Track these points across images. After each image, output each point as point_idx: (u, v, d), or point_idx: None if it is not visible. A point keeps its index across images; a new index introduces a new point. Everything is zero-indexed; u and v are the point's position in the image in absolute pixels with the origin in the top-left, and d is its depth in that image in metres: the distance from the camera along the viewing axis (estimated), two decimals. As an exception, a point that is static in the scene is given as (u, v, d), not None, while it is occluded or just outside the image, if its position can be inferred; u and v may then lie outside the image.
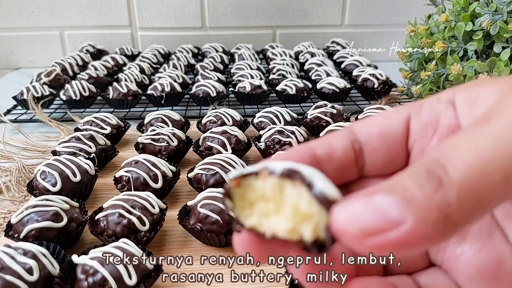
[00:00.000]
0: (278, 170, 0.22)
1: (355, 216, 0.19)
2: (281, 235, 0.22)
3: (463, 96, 0.25)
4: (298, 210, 0.21)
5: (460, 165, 0.18)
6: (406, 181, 0.19)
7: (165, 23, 1.61)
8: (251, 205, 0.23)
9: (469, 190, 0.18)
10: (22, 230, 0.56)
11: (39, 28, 1.59)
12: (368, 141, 0.27)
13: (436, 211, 0.17)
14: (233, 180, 0.23)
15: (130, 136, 0.96)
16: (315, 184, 0.21)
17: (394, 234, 0.18)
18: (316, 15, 1.62)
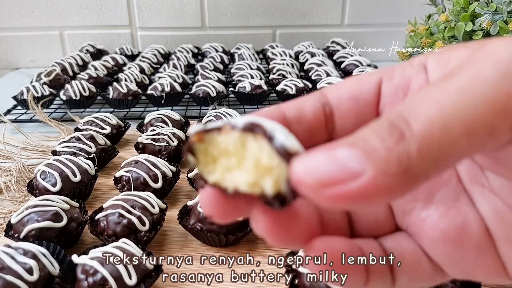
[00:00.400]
0: (240, 124, 0.22)
1: (314, 167, 0.18)
2: (243, 189, 0.22)
3: (435, 60, 0.24)
4: (260, 163, 0.21)
5: (422, 118, 0.18)
6: (368, 134, 0.18)
7: (165, 23, 1.61)
8: (214, 161, 0.23)
9: (430, 143, 0.17)
10: (22, 230, 0.56)
11: (39, 28, 1.59)
12: (338, 104, 0.27)
13: (396, 163, 0.17)
14: (196, 134, 0.23)
15: (130, 136, 0.96)
16: (276, 137, 0.20)
17: (353, 185, 0.17)
18: (316, 14, 1.62)
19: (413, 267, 0.25)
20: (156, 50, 1.50)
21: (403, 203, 0.27)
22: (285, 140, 0.20)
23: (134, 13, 1.59)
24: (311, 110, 0.27)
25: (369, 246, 0.25)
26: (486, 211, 0.24)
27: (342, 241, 0.23)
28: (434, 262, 0.25)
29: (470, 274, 0.25)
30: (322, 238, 0.23)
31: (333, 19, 1.63)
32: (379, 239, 0.26)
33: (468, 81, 0.18)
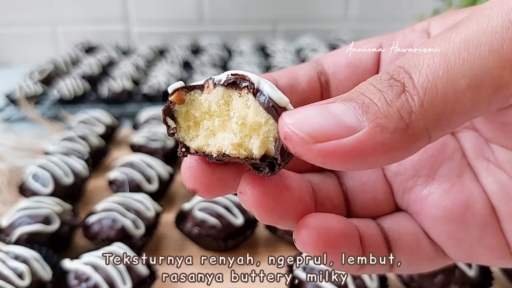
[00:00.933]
0: (223, 79, 0.20)
1: (306, 119, 0.17)
2: (228, 152, 0.20)
3: (439, 23, 0.23)
4: (245, 121, 0.19)
5: (425, 69, 0.16)
6: (366, 87, 0.17)
7: (161, 16, 1.58)
8: (196, 125, 0.21)
9: (433, 96, 0.16)
10: (14, 233, 0.54)
11: (31, 24, 1.56)
12: (335, 73, 0.25)
13: (397, 118, 0.16)
14: (175, 93, 0.21)
15: (124, 135, 0.95)
16: (263, 90, 0.19)
17: (347, 141, 0.16)
18: (318, 8, 1.60)
19: (412, 249, 0.23)
20: (152, 46, 1.48)
21: (403, 181, 0.25)
22: (273, 93, 0.19)
23: (130, 8, 1.56)
24: (305, 78, 0.25)
25: (366, 226, 0.24)
26: (492, 187, 0.23)
27: (336, 219, 0.22)
28: (435, 243, 0.24)
29: (473, 256, 0.23)
30: (315, 214, 0.21)
31: (337, 11, 1.61)
32: (377, 220, 0.25)
33: (475, 31, 0.17)
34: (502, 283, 0.51)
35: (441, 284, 0.46)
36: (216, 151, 0.20)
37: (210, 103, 0.20)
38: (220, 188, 0.22)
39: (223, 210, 0.55)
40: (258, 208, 0.21)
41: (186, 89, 0.21)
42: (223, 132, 0.20)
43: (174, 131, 0.21)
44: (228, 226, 0.54)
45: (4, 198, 0.69)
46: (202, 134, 0.21)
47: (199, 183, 0.21)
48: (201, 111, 0.21)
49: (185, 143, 0.21)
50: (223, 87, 0.20)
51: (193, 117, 0.21)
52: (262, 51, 1.53)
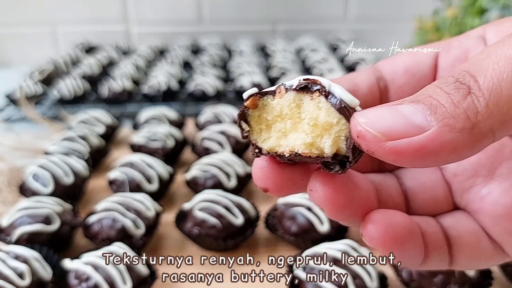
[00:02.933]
0: (295, 83, 0.21)
1: (377, 118, 0.18)
2: (300, 151, 0.21)
3: (494, 30, 0.24)
4: (317, 122, 0.21)
5: (490, 73, 0.17)
6: (433, 90, 0.18)
7: (161, 18, 1.58)
8: (268, 128, 0.23)
9: (499, 98, 0.17)
10: (14, 233, 0.54)
11: (31, 24, 1.56)
12: (393, 79, 0.26)
13: (464, 118, 0.17)
14: (250, 98, 0.22)
15: (124, 135, 0.95)
16: (334, 92, 0.20)
17: (417, 139, 0.17)
18: (318, 8, 1.60)
19: (472, 246, 0.24)
20: (152, 46, 1.48)
21: (462, 180, 0.26)
22: (344, 95, 0.20)
23: (130, 8, 1.56)
24: (366, 84, 0.26)
25: (427, 223, 0.24)
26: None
27: (401, 214, 0.23)
28: (495, 241, 0.24)
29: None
30: (381, 210, 0.23)
31: (336, 11, 1.61)
32: (436, 217, 0.26)
33: None
34: (502, 283, 0.51)
35: (441, 283, 0.46)
36: (289, 150, 0.22)
37: (282, 107, 0.22)
38: (290, 187, 0.23)
39: (223, 210, 0.55)
40: (329, 205, 0.22)
41: (259, 95, 0.22)
42: (295, 133, 0.22)
43: (247, 134, 0.23)
44: (228, 226, 0.54)
45: (5, 198, 0.69)
46: (274, 135, 0.22)
47: (271, 183, 0.23)
48: (273, 114, 0.22)
49: (257, 144, 0.23)
50: (294, 91, 0.21)
51: (265, 120, 0.23)
52: (262, 51, 1.53)
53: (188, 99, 1.13)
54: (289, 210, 0.56)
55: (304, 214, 0.55)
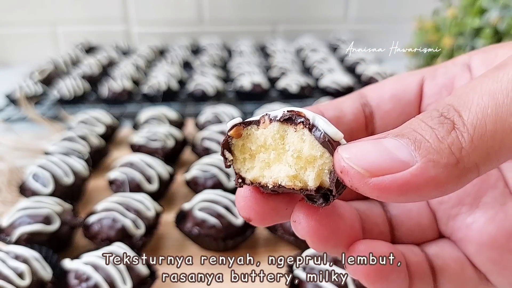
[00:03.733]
0: (279, 115, 0.21)
1: (361, 154, 0.18)
2: (283, 183, 0.21)
3: (480, 58, 0.24)
4: (301, 154, 0.20)
5: (474, 108, 0.17)
6: (418, 124, 0.18)
7: (161, 18, 1.58)
8: (252, 157, 0.22)
9: (483, 134, 0.17)
10: (14, 233, 0.54)
11: (31, 24, 1.56)
12: (379, 105, 0.26)
13: (448, 153, 0.17)
14: (234, 128, 0.22)
15: (124, 135, 0.95)
16: (318, 125, 0.20)
17: (401, 175, 0.17)
18: (318, 8, 1.60)
19: (457, 275, 0.24)
20: (152, 46, 1.48)
21: (448, 208, 0.26)
22: (328, 128, 0.20)
23: (130, 8, 1.56)
24: (351, 110, 0.26)
25: (411, 252, 0.24)
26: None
27: (385, 245, 0.23)
28: (479, 270, 0.24)
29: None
30: (365, 240, 0.23)
31: (336, 12, 1.61)
32: (421, 246, 0.26)
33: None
34: (502, 283, 0.51)
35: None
36: (272, 182, 0.21)
37: (266, 137, 0.22)
38: (274, 216, 0.23)
39: (223, 210, 0.55)
40: (313, 237, 0.22)
41: (243, 124, 0.22)
42: (278, 164, 0.22)
43: (231, 163, 0.23)
44: (228, 226, 0.54)
45: (4, 198, 0.69)
46: (258, 166, 0.22)
47: (254, 212, 0.23)
48: (257, 144, 0.22)
49: (241, 174, 0.23)
50: (278, 122, 0.21)
51: (249, 150, 0.23)
52: (262, 51, 1.53)
53: (188, 99, 1.13)
54: (289, 210, 0.56)
55: (304, 214, 0.55)
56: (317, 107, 0.26)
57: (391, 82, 0.27)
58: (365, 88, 0.28)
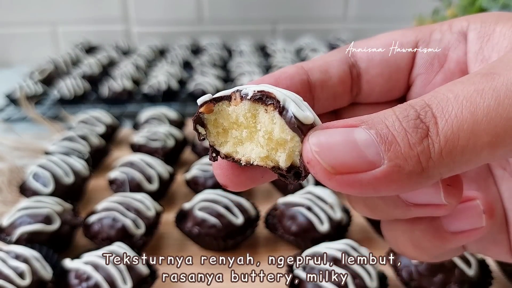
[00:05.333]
0: (250, 94, 0.21)
1: (330, 148, 0.18)
2: (255, 163, 0.21)
3: (478, 30, 0.23)
4: (272, 136, 0.20)
5: (452, 119, 0.17)
6: (393, 121, 0.18)
7: (161, 18, 1.58)
8: (225, 132, 0.22)
9: (454, 147, 0.17)
10: (14, 232, 0.54)
11: (31, 24, 1.56)
12: (368, 69, 0.26)
13: (415, 161, 0.17)
14: (204, 105, 0.22)
15: (125, 135, 0.95)
16: (288, 109, 0.20)
17: (365, 176, 0.17)
18: (318, 8, 1.60)
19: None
20: (152, 46, 1.48)
21: None
22: (298, 112, 0.19)
23: (130, 8, 1.56)
24: (337, 73, 0.26)
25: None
26: (505, 193, 0.25)
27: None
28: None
29: (485, 250, 0.25)
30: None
31: (336, 11, 1.61)
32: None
33: (509, 88, 0.17)
34: (502, 282, 0.51)
35: (441, 283, 0.46)
36: (245, 160, 0.21)
37: (238, 115, 0.21)
38: (249, 184, 0.23)
39: (223, 209, 0.55)
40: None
41: (214, 101, 0.22)
42: (250, 143, 0.21)
43: (204, 137, 0.23)
44: (228, 226, 0.55)
45: (5, 197, 0.70)
46: (231, 141, 0.22)
47: (230, 181, 0.23)
48: (229, 121, 0.22)
49: (215, 147, 0.23)
50: (249, 101, 0.21)
51: (221, 125, 0.22)
52: (262, 51, 1.53)
53: (188, 99, 1.13)
54: (289, 209, 0.56)
55: (304, 214, 0.55)
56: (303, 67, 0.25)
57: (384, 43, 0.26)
58: (356, 44, 0.27)
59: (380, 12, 1.61)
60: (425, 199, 0.20)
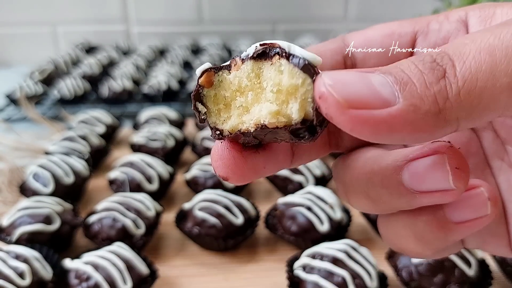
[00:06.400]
0: (251, 52, 0.20)
1: (344, 82, 0.17)
2: (267, 121, 0.19)
3: (477, 15, 0.23)
4: (281, 87, 0.19)
5: (470, 61, 0.16)
6: (408, 65, 0.17)
7: (161, 18, 1.58)
8: (227, 106, 0.21)
9: (472, 89, 0.16)
10: (14, 232, 0.54)
11: (31, 24, 1.56)
12: (364, 60, 0.25)
13: (432, 101, 0.16)
14: (204, 74, 0.20)
15: (125, 135, 0.95)
16: (295, 53, 0.19)
17: (379, 112, 0.16)
18: (318, 8, 1.60)
19: None
20: (152, 46, 1.48)
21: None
22: (306, 53, 0.19)
23: (130, 8, 1.56)
24: (330, 64, 0.25)
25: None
26: (503, 184, 0.24)
27: None
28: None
29: (484, 244, 0.25)
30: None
31: (336, 12, 1.61)
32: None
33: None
34: (502, 283, 0.51)
35: (441, 283, 0.46)
36: (254, 124, 0.20)
37: (241, 79, 0.20)
38: (251, 176, 0.22)
39: (223, 209, 0.55)
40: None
41: (214, 70, 0.21)
42: (258, 105, 0.20)
43: (205, 117, 0.21)
44: (228, 226, 0.55)
45: (5, 197, 0.70)
46: (235, 113, 0.21)
47: (232, 173, 0.21)
48: (231, 90, 0.21)
49: (217, 127, 0.21)
50: (252, 60, 0.20)
51: (222, 99, 0.21)
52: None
53: (188, 99, 1.13)
54: (289, 209, 0.56)
55: (304, 214, 0.55)
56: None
57: (381, 35, 0.25)
58: (352, 35, 0.26)
59: (380, 12, 1.61)
60: (433, 185, 0.20)
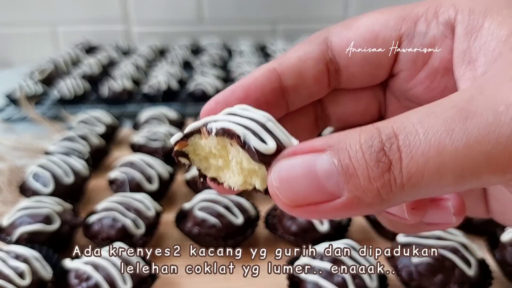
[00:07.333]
0: (213, 129, 0.22)
1: (289, 182, 0.18)
2: (236, 188, 0.22)
3: (466, 22, 0.22)
4: (242, 166, 0.21)
5: (418, 156, 0.16)
6: (356, 151, 0.17)
7: (161, 18, 1.58)
8: (206, 159, 0.23)
9: (416, 183, 0.17)
10: (14, 232, 0.54)
11: (31, 24, 1.56)
12: (348, 66, 0.25)
13: (375, 194, 0.17)
14: (178, 144, 0.23)
15: (125, 135, 0.95)
16: (249, 143, 0.20)
17: (324, 207, 0.18)
18: (318, 8, 1.60)
19: None
20: (152, 46, 1.48)
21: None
22: (259, 145, 0.20)
23: (130, 8, 1.56)
24: (312, 75, 0.25)
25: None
26: None
27: None
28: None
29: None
30: None
31: (336, 12, 1.61)
32: None
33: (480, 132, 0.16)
34: (502, 282, 0.51)
35: (441, 283, 0.46)
36: (227, 186, 0.23)
37: (210, 147, 0.22)
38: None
39: (223, 209, 0.55)
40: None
41: (185, 137, 0.23)
42: (228, 171, 0.23)
43: (190, 165, 0.24)
44: (228, 226, 0.55)
45: (5, 197, 0.70)
46: (213, 167, 0.23)
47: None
48: (205, 152, 0.23)
49: (202, 171, 0.24)
50: (215, 136, 0.22)
51: (200, 154, 0.24)
52: (262, 51, 1.53)
53: (188, 99, 1.13)
54: (289, 210, 0.56)
55: (304, 214, 0.55)
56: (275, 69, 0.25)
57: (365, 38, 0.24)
58: (334, 36, 0.25)
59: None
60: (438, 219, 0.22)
